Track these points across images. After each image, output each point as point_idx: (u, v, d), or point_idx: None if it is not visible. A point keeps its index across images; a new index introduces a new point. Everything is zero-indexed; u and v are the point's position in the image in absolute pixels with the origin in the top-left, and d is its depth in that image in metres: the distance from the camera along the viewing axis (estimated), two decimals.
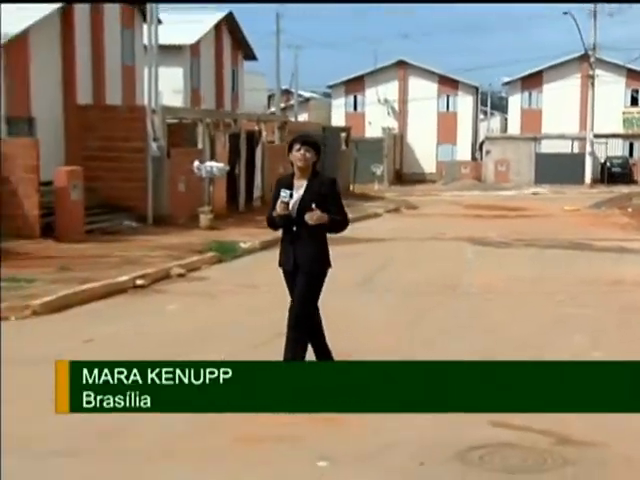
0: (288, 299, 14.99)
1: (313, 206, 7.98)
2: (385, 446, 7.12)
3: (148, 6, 28.12)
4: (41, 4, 27.09)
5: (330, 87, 74.58)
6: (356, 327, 12.27)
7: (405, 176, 66.33)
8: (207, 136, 29.62)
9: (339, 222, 8.27)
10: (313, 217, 7.92)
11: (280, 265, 8.57)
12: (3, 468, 6.17)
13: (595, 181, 57.28)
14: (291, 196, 8.00)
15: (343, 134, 49.27)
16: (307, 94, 69.10)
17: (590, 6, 54.46)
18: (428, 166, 69.82)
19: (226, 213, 28.31)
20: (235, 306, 14.27)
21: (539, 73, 69.73)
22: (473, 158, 69.65)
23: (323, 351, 8.55)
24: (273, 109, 53.75)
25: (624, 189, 50.12)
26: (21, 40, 25.93)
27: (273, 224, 8.45)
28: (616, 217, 32.99)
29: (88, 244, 20.79)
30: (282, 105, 53.43)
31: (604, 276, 17.34)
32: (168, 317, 13.35)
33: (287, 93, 58.18)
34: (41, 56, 27.38)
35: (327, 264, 8.43)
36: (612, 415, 7.32)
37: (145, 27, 31.09)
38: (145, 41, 30.91)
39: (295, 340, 8.48)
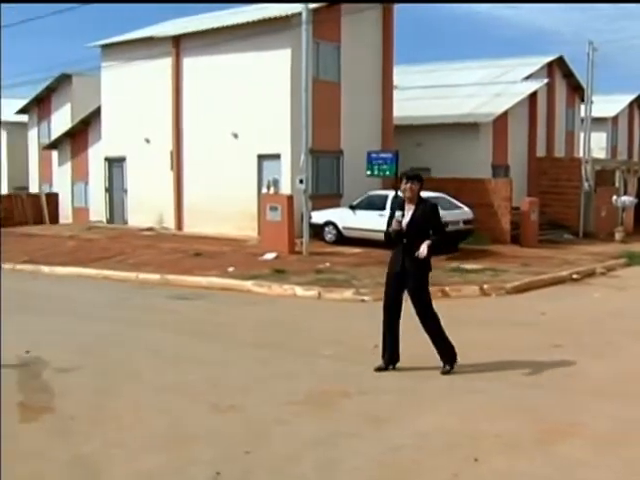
0: None
1: (423, 248, 6.99)
2: None
3: (585, 92, 27.34)
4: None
5: None
6: None
7: None
8: (621, 179, 28.25)
9: (437, 243, 7.11)
10: (421, 255, 6.98)
11: (389, 268, 7.33)
12: None
13: None
14: (403, 216, 7.10)
15: None
16: None
17: None
18: None
19: (633, 232, 26.68)
20: (639, 296, 13.78)
21: None
22: None
23: (395, 330, 7.34)
24: None
25: None
26: (503, 117, 26.46)
27: (389, 238, 7.27)
28: None
29: (540, 249, 20.60)
30: None
31: None
32: (594, 301, 13.13)
33: None
34: (515, 126, 27.64)
35: (428, 269, 7.21)
36: None
37: (581, 106, 30.31)
38: (582, 115, 30.15)
39: (427, 329, 7.29)
